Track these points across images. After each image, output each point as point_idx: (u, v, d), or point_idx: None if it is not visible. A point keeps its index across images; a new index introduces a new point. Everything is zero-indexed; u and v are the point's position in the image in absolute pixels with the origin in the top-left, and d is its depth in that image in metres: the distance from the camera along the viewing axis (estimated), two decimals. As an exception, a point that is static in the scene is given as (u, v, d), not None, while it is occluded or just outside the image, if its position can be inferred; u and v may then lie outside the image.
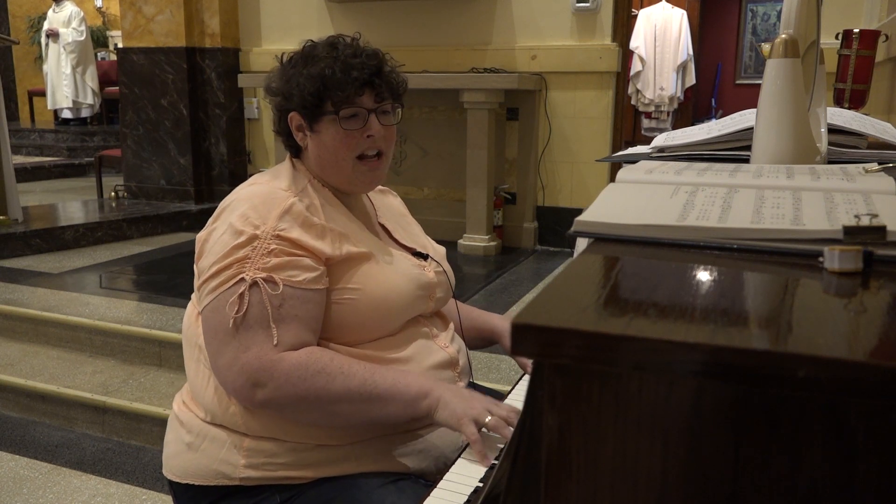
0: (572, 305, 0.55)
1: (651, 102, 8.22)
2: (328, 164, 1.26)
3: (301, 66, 1.25)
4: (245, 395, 1.13)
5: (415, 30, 4.55)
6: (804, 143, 1.02)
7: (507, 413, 1.11)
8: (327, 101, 1.22)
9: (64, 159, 7.42)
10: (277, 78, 1.28)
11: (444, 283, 1.36)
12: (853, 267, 0.60)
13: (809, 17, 1.11)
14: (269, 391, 1.11)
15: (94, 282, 3.63)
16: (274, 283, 1.12)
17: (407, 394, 1.14)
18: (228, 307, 1.12)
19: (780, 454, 0.46)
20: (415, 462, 1.20)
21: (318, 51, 1.25)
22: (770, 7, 8.94)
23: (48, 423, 2.79)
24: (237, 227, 1.16)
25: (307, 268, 1.16)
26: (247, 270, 1.13)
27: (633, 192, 0.85)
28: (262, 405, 1.13)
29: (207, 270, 1.17)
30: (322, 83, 1.21)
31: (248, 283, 1.12)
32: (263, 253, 1.14)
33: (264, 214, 1.16)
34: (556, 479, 0.52)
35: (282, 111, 1.28)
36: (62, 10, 8.16)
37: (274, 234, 1.15)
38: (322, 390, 1.11)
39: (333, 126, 1.23)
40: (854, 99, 2.50)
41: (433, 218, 4.43)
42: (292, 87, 1.24)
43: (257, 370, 1.11)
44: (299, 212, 1.18)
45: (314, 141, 1.26)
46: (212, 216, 1.25)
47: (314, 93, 1.22)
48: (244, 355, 1.11)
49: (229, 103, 5.04)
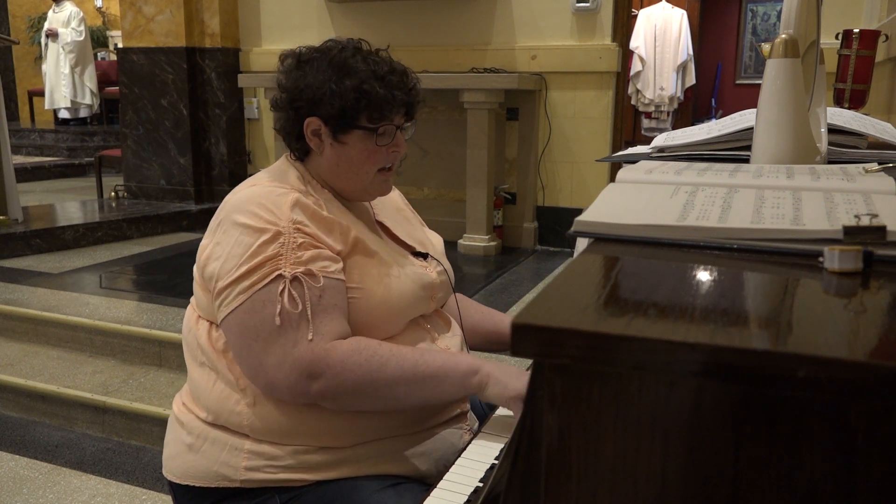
0: (572, 305, 0.55)
1: (651, 102, 8.22)
2: (344, 174, 1.25)
3: (333, 74, 1.20)
4: (301, 390, 1.12)
5: (415, 30, 4.55)
6: (804, 143, 1.02)
7: None
8: (363, 116, 1.21)
9: (64, 159, 7.42)
10: (295, 79, 1.23)
11: (446, 282, 1.36)
12: (853, 267, 0.60)
13: (809, 17, 1.11)
14: (326, 381, 1.11)
15: (94, 282, 3.63)
16: (313, 275, 1.13)
17: (458, 371, 1.15)
18: (268, 306, 1.11)
19: (780, 454, 0.46)
20: (415, 465, 1.20)
21: (349, 60, 1.21)
22: (770, 7, 8.94)
23: (48, 423, 2.80)
24: (255, 226, 1.14)
25: (333, 258, 1.16)
26: (283, 267, 1.12)
27: (633, 192, 0.85)
28: (318, 397, 1.12)
29: (231, 273, 1.14)
30: (366, 98, 1.19)
31: (287, 279, 1.11)
32: (293, 247, 1.13)
33: (275, 210, 1.15)
34: (556, 479, 0.52)
35: (299, 113, 1.23)
36: (62, 10, 8.16)
37: (295, 227, 1.14)
38: (378, 373, 1.12)
39: (363, 141, 1.22)
40: (854, 99, 2.50)
41: (433, 218, 4.42)
42: (324, 95, 1.20)
43: (311, 362, 1.10)
44: (306, 205, 1.17)
45: (335, 150, 1.23)
46: (211, 225, 1.23)
47: (354, 106, 1.19)
48: (294, 350, 1.11)
49: (229, 103, 5.04)
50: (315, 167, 1.27)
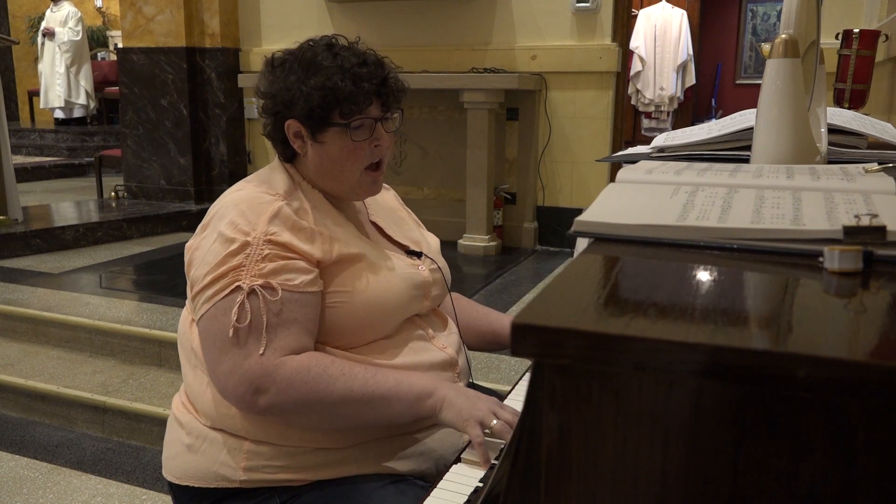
0: (572, 305, 0.55)
1: (651, 102, 8.22)
2: (330, 174, 1.24)
3: (302, 74, 1.20)
4: (247, 403, 1.12)
5: (415, 30, 4.55)
6: (804, 143, 1.02)
7: (511, 417, 1.11)
8: (335, 112, 1.20)
9: (64, 159, 7.42)
10: (270, 83, 1.24)
11: (440, 280, 1.35)
12: (853, 267, 0.60)
13: (809, 17, 1.11)
14: (270, 396, 1.10)
15: (93, 282, 3.63)
16: (272, 288, 1.12)
17: (410, 394, 1.13)
18: (227, 316, 1.11)
19: (780, 454, 0.46)
20: (414, 464, 1.20)
21: (318, 57, 1.21)
22: (770, 7, 8.94)
23: (48, 423, 2.79)
24: (227, 235, 1.14)
25: (302, 270, 1.15)
26: (243, 278, 1.12)
27: (633, 192, 0.85)
28: (264, 411, 1.12)
29: (201, 280, 1.15)
30: (332, 95, 1.18)
31: (245, 291, 1.11)
32: (258, 259, 1.13)
33: (253, 220, 1.15)
34: (556, 479, 0.52)
35: (277, 118, 1.24)
36: (60, 9, 8.15)
37: (265, 238, 1.14)
38: (324, 393, 1.11)
39: (341, 137, 1.21)
40: (854, 99, 2.50)
41: (433, 218, 4.43)
42: (294, 96, 1.20)
43: (259, 376, 1.10)
44: (288, 215, 1.16)
45: (316, 150, 1.23)
46: (200, 225, 1.23)
47: (322, 104, 1.19)
48: (245, 362, 1.11)
49: (229, 103, 5.04)
50: (303, 169, 1.27)
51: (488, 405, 1.12)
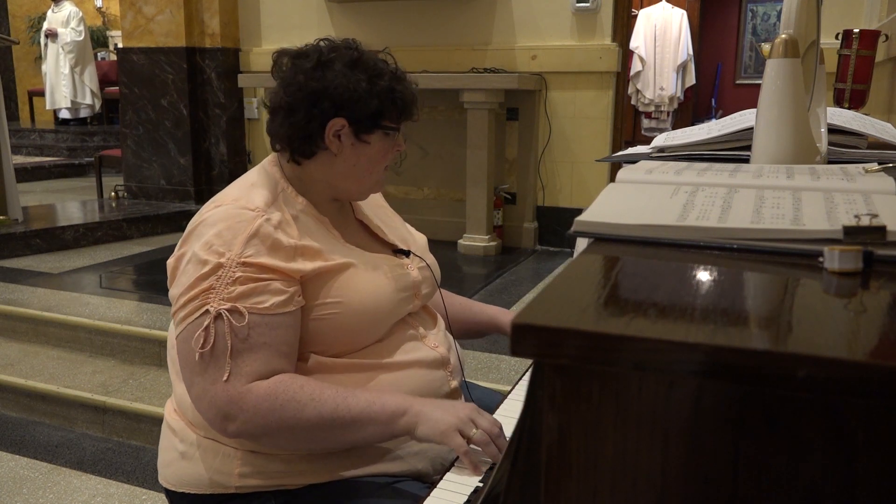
0: (572, 305, 0.55)
1: (651, 102, 8.22)
2: (358, 174, 1.24)
3: (364, 75, 1.20)
4: (218, 428, 1.12)
5: (415, 30, 4.55)
6: (804, 143, 1.02)
7: (489, 425, 1.10)
8: (387, 117, 1.23)
9: (64, 159, 7.42)
10: (317, 78, 1.19)
11: (429, 277, 1.35)
12: (853, 267, 0.60)
13: (809, 17, 1.11)
14: (239, 424, 1.09)
15: (93, 282, 3.63)
16: (238, 313, 1.09)
17: (383, 414, 1.11)
18: (195, 340, 1.10)
19: (780, 454, 0.46)
20: (412, 464, 1.20)
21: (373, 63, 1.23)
22: (770, 7, 8.94)
23: (48, 423, 2.80)
24: (201, 257, 1.12)
25: (275, 291, 1.12)
26: (211, 301, 1.10)
27: (633, 192, 0.85)
28: (235, 436, 1.12)
29: (176, 301, 1.14)
30: (399, 101, 1.22)
31: (212, 315, 1.09)
32: (228, 282, 1.10)
33: (229, 240, 1.12)
34: (556, 479, 0.52)
35: (317, 113, 1.19)
36: (61, 10, 8.16)
37: (239, 261, 1.11)
38: (293, 419, 1.09)
39: (383, 140, 1.24)
40: (854, 99, 2.50)
41: (433, 218, 4.43)
42: (355, 96, 1.18)
43: (226, 403, 1.09)
44: (267, 234, 1.13)
45: (355, 150, 1.22)
46: (180, 239, 1.22)
47: (387, 106, 1.21)
48: (212, 388, 1.09)
49: (229, 103, 5.04)
50: (311, 170, 1.24)
51: (466, 412, 1.11)
